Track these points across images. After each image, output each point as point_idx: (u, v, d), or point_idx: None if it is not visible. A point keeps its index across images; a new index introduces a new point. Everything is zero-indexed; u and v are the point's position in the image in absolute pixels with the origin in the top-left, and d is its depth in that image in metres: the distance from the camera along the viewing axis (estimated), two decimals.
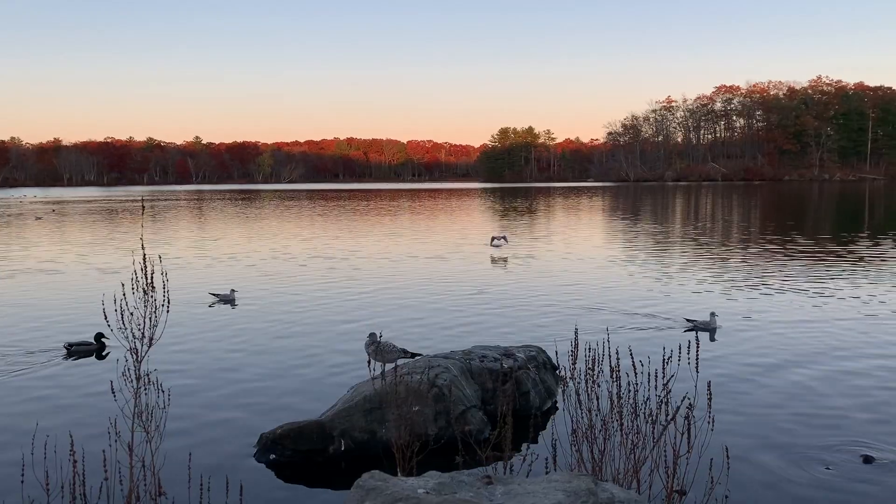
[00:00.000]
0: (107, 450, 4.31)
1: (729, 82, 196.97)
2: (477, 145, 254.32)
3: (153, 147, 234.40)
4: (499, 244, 24.45)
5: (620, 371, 4.90)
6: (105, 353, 10.36)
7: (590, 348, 5.05)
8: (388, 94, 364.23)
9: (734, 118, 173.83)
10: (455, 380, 7.22)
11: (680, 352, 4.66)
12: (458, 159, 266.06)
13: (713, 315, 11.33)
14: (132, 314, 4.76)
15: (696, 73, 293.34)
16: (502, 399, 4.82)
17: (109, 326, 4.73)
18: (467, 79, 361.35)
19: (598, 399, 4.89)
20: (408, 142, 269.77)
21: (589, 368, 4.93)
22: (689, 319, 11.55)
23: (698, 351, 4.64)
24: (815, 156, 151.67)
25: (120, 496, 4.56)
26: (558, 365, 8.38)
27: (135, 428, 4.62)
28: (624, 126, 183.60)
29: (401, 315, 12.92)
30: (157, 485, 4.66)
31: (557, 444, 4.69)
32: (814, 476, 5.98)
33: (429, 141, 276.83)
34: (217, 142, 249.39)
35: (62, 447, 4.29)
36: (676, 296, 14.58)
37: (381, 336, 7.43)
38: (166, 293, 4.91)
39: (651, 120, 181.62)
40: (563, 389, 5.11)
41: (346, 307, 13.84)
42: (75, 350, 10.32)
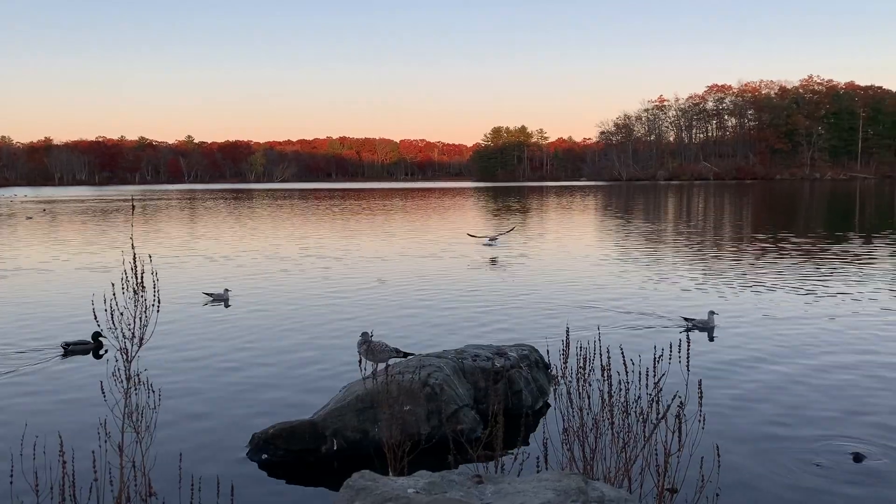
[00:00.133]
0: (97, 450, 4.29)
1: (721, 82, 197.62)
2: (470, 144, 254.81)
3: (145, 146, 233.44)
4: (491, 244, 24.68)
5: (612, 370, 4.91)
6: (103, 352, 10.30)
7: (581, 347, 5.06)
8: (381, 94, 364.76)
9: (726, 117, 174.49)
10: (447, 379, 7.21)
11: (671, 350, 4.67)
12: (451, 158, 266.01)
13: (711, 313, 11.30)
14: (122, 314, 4.73)
15: (688, 73, 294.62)
16: (494, 398, 4.82)
17: (99, 326, 4.71)
18: (460, 78, 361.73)
19: (589, 398, 4.90)
20: (400, 141, 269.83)
21: (580, 367, 4.93)
22: (688, 319, 11.51)
23: (689, 349, 4.65)
24: (807, 155, 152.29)
25: (110, 497, 4.54)
26: (550, 364, 8.41)
27: (125, 428, 4.60)
28: (616, 125, 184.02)
29: (393, 314, 12.91)
30: (148, 485, 4.64)
31: (549, 443, 4.69)
32: (805, 474, 6.01)
33: (422, 140, 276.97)
34: (209, 141, 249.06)
35: (51, 448, 4.27)
36: (669, 294, 14.62)
37: (373, 335, 7.42)
38: (156, 293, 4.89)
39: (643, 119, 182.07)
40: (555, 388, 5.11)
41: (339, 306, 13.82)
42: (72, 349, 10.27)
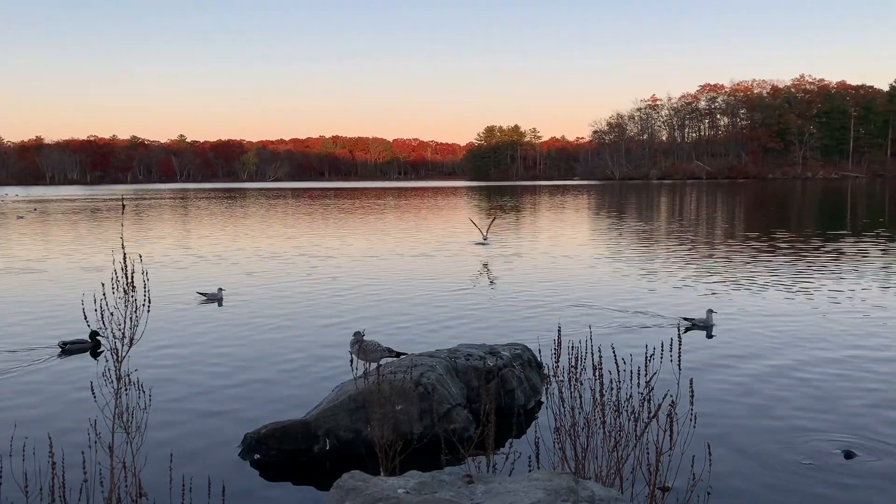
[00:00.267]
0: (87, 451, 4.27)
1: (713, 81, 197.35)
2: (463, 144, 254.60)
3: (137, 145, 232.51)
4: (485, 243, 24.71)
5: (603, 368, 4.91)
6: (100, 352, 10.23)
7: (573, 346, 5.06)
8: (374, 93, 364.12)
9: (718, 117, 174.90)
10: (440, 378, 7.21)
11: (662, 349, 4.68)
12: (445, 157, 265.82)
13: (710, 312, 11.30)
14: (112, 314, 4.71)
15: (681, 72, 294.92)
16: (486, 398, 4.82)
17: (89, 326, 4.68)
18: (453, 77, 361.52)
19: (581, 396, 4.90)
20: (393, 140, 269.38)
21: (572, 366, 4.93)
22: (687, 318, 11.48)
23: (681, 348, 4.66)
24: (799, 154, 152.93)
25: (100, 498, 4.52)
26: (541, 362, 8.42)
27: (115, 429, 4.58)
28: (609, 124, 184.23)
29: (386, 313, 12.89)
30: (138, 486, 4.62)
31: (541, 442, 4.69)
32: (796, 471, 6.03)
33: (415, 139, 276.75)
34: (202, 140, 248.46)
35: (41, 449, 4.24)
36: (662, 293, 14.65)
37: (364, 334, 7.41)
38: (147, 293, 4.87)
39: (636, 118, 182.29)
40: (547, 387, 5.11)
41: (332, 305, 13.79)
42: (70, 348, 10.22)
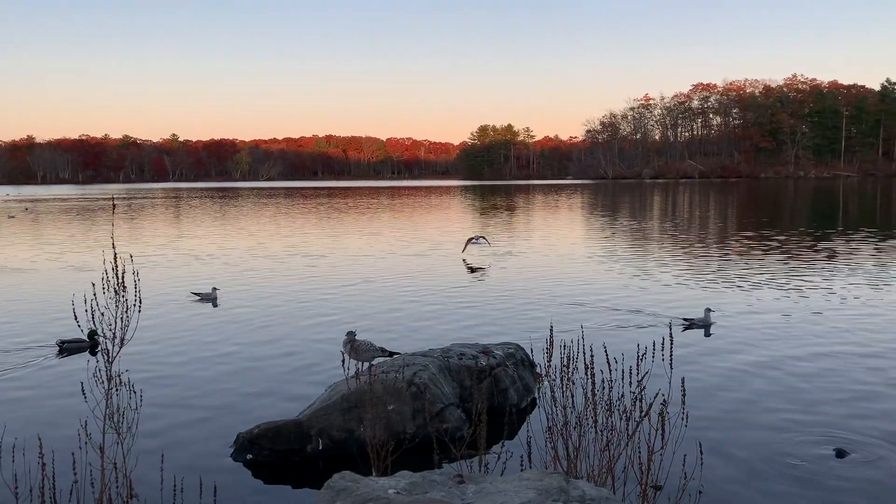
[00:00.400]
0: (77, 452, 4.25)
1: (706, 80, 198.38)
2: (456, 143, 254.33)
3: (129, 144, 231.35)
4: (478, 243, 24.42)
5: (595, 367, 4.92)
6: (98, 351, 10.18)
7: (565, 345, 5.06)
8: (367, 92, 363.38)
9: (711, 116, 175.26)
10: (433, 378, 7.21)
11: (654, 348, 4.69)
12: (438, 157, 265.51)
13: (708, 311, 11.31)
14: (103, 315, 4.68)
15: (674, 72, 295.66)
16: (478, 397, 4.82)
17: (80, 326, 4.66)
18: (447, 76, 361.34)
19: (573, 396, 4.91)
20: (387, 139, 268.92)
21: (564, 365, 4.94)
22: (687, 318, 11.48)
23: (672, 347, 4.67)
24: (791, 153, 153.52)
25: (91, 499, 4.49)
26: (534, 361, 8.43)
27: (106, 429, 4.56)
28: (602, 124, 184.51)
29: (379, 313, 12.88)
30: (129, 486, 4.59)
31: (533, 442, 4.69)
32: (787, 470, 6.05)
33: (408, 138, 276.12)
34: (194, 139, 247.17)
35: (31, 449, 4.22)
36: (655, 292, 14.68)
37: (357, 333, 7.40)
38: (138, 293, 4.84)
39: (629, 118, 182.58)
40: (540, 386, 5.12)
41: (326, 305, 13.78)
42: (67, 347, 10.17)
